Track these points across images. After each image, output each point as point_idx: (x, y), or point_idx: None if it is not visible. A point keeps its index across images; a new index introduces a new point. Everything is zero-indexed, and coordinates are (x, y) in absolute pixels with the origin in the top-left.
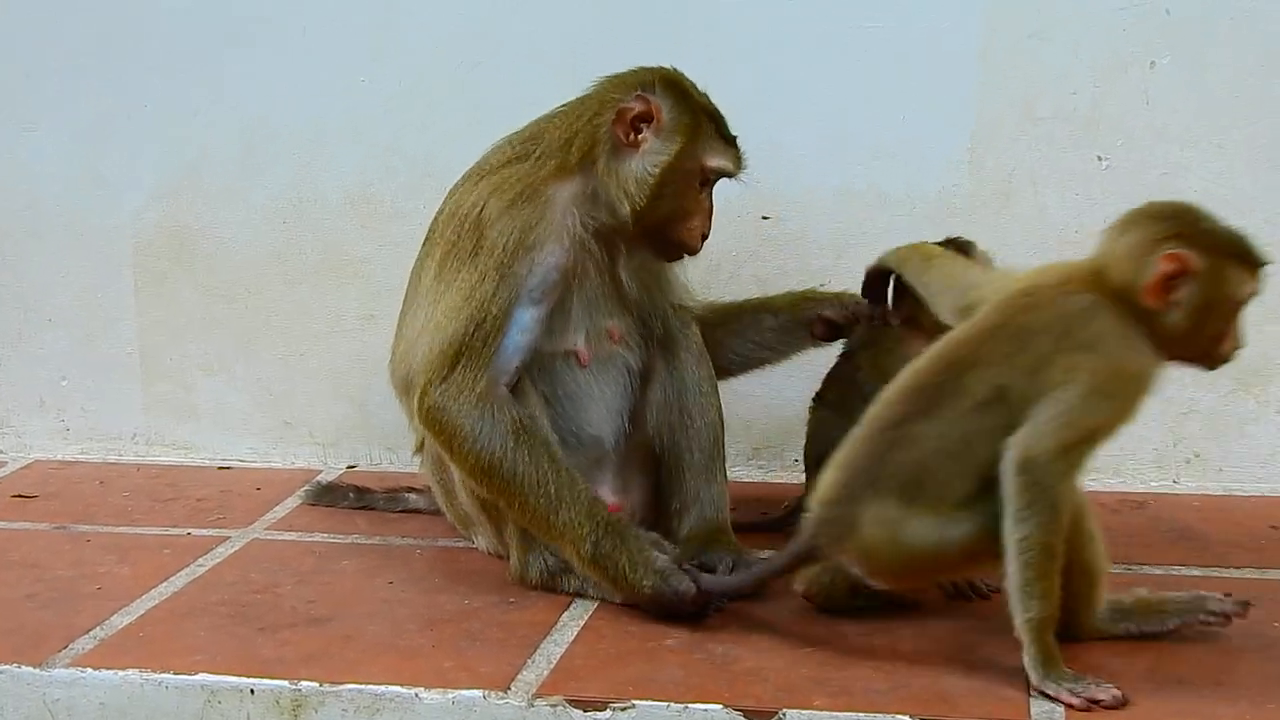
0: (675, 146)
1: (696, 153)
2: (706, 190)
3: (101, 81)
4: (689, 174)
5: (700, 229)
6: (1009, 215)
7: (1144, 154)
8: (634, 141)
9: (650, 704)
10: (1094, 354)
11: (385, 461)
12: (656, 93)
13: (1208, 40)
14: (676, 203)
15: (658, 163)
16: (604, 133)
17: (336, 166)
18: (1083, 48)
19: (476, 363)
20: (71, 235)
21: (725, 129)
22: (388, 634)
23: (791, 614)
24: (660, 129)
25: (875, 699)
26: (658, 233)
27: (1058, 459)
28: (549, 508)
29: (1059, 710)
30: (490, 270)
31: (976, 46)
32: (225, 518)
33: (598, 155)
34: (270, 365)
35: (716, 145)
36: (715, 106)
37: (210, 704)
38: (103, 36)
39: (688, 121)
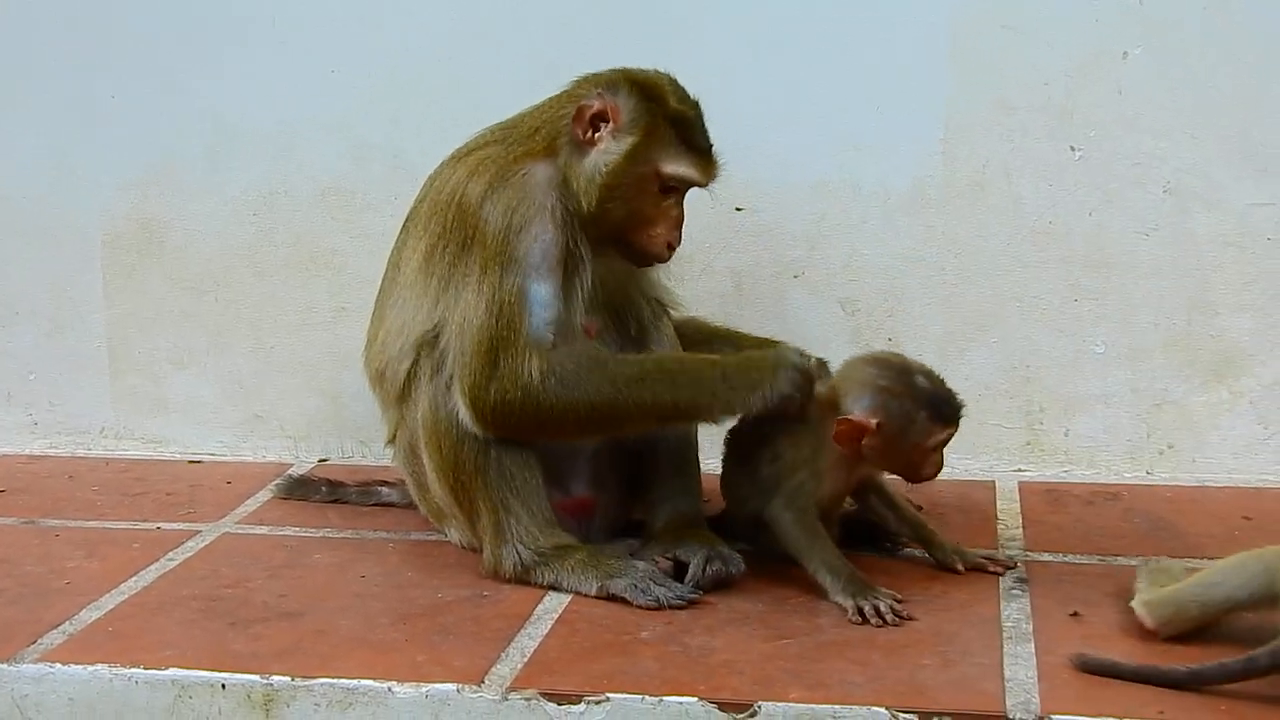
0: (626, 148)
1: (650, 156)
2: (673, 197)
3: (69, 74)
4: (643, 178)
5: (664, 237)
6: (983, 206)
7: (1117, 144)
8: (590, 139)
9: (625, 697)
10: None
11: (357, 455)
12: (620, 94)
13: (1180, 31)
14: (633, 205)
15: (609, 162)
16: (564, 125)
17: (307, 159)
18: (1055, 39)
19: (515, 348)
20: (39, 228)
21: (696, 136)
22: (360, 628)
23: (767, 606)
24: (616, 130)
25: (851, 691)
26: (620, 235)
27: None
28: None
29: (1034, 700)
30: (491, 260)
31: (949, 38)
32: (195, 512)
33: (559, 148)
34: (241, 358)
35: (676, 151)
36: (693, 114)
37: (181, 699)
38: (71, 29)
39: (644, 124)
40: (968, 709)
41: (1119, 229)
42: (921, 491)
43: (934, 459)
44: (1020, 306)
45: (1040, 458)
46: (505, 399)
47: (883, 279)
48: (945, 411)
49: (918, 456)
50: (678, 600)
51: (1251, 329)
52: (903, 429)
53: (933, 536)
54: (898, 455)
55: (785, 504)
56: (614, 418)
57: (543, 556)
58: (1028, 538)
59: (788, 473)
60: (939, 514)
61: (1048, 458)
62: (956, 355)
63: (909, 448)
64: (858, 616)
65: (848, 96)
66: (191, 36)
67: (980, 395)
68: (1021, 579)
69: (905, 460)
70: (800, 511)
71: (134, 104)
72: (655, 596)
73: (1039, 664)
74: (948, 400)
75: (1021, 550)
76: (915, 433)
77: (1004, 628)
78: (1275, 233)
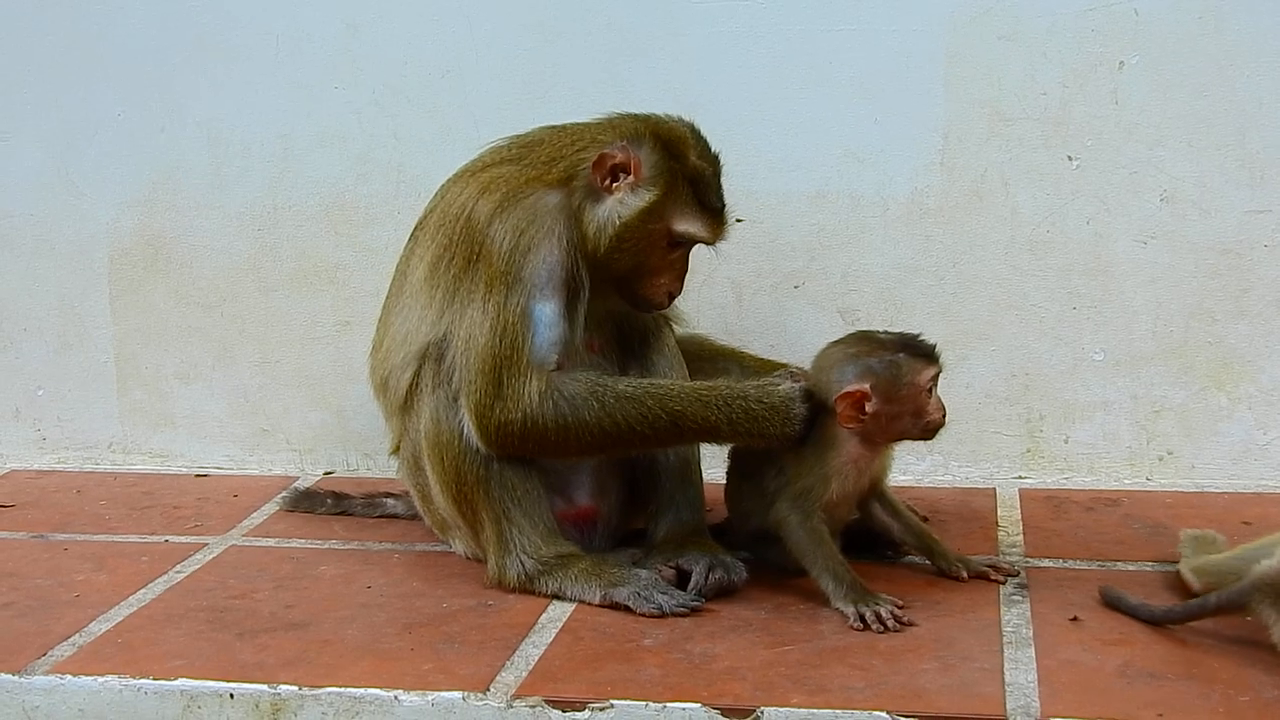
0: (642, 204)
1: (665, 214)
2: (680, 252)
3: (74, 91)
4: (654, 233)
5: (667, 288)
6: (981, 216)
7: (1114, 153)
8: (608, 188)
9: (629, 704)
10: None
11: (363, 467)
12: (643, 147)
13: (1176, 40)
14: (641, 258)
15: (623, 215)
16: (584, 169)
17: (310, 174)
18: (1051, 49)
19: (518, 369)
20: (46, 245)
21: (710, 195)
22: (367, 637)
23: (769, 613)
24: (635, 184)
25: (852, 696)
26: (623, 281)
27: None
28: (673, 427)
29: (1034, 704)
30: (496, 279)
31: (946, 49)
32: (202, 525)
33: (575, 186)
34: (246, 373)
35: (689, 210)
36: (711, 171)
37: (189, 709)
38: (75, 46)
39: (664, 181)
40: (968, 713)
41: (1117, 237)
42: (924, 499)
43: (934, 400)
44: (1019, 315)
45: (1040, 465)
46: (508, 419)
47: (882, 288)
48: (921, 347)
49: (920, 403)
50: (680, 608)
51: (1249, 335)
52: (894, 379)
53: (936, 545)
54: (902, 410)
55: (791, 506)
56: (616, 441)
57: (546, 566)
58: (1028, 544)
59: (795, 478)
60: (940, 521)
61: (1048, 465)
62: (956, 363)
63: (906, 396)
64: (859, 622)
65: (846, 108)
66: (194, 53)
67: (980, 403)
68: (1022, 585)
69: (911, 411)
70: (806, 515)
71: (138, 120)
72: (658, 604)
73: (1039, 668)
74: (916, 340)
75: (1022, 556)
76: (905, 377)
77: (1004, 633)
78: (1272, 240)
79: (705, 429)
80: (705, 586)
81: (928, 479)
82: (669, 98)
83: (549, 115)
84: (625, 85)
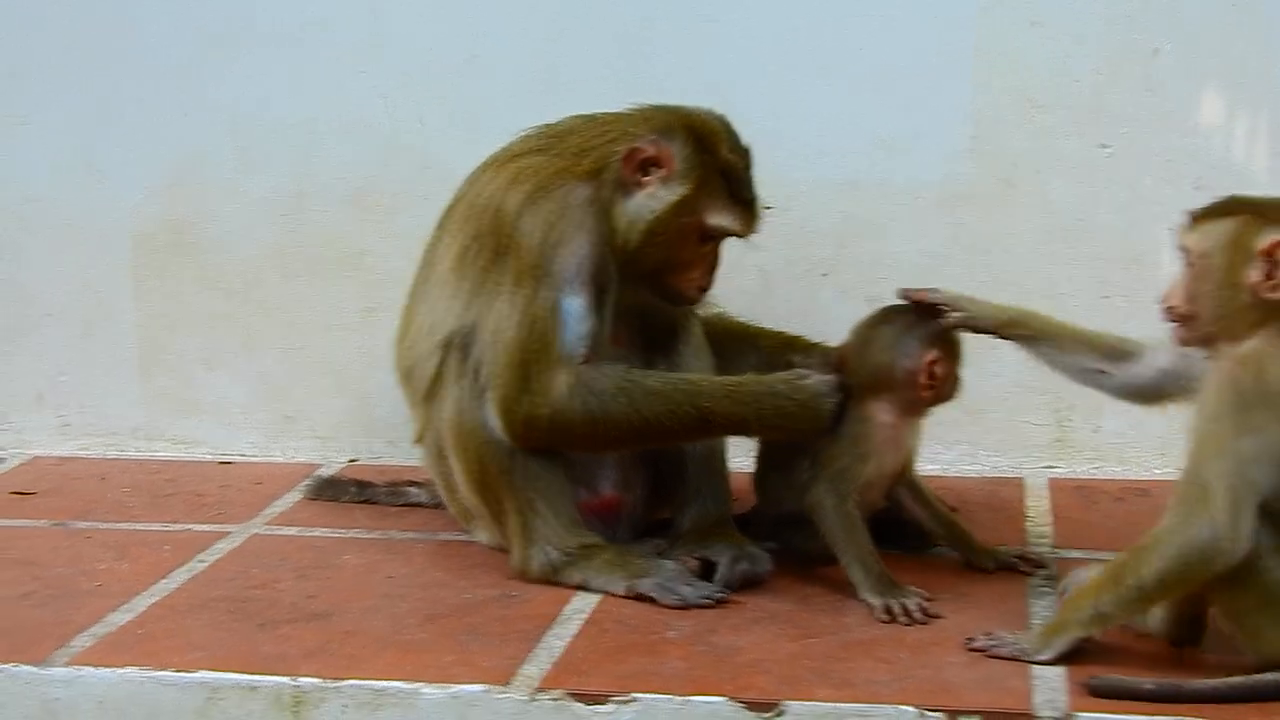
0: (675, 198)
1: (697, 208)
2: (711, 245)
3: (96, 75)
4: (687, 227)
5: (699, 282)
6: (1012, 204)
7: (1147, 141)
8: (639, 182)
9: (652, 697)
10: None
11: (387, 455)
12: (675, 141)
13: (1209, 26)
14: (672, 252)
15: (654, 210)
16: (614, 162)
17: (335, 159)
18: (1084, 36)
19: (546, 363)
20: (69, 229)
21: (742, 188)
22: (388, 629)
23: (794, 605)
24: (667, 177)
25: (878, 690)
26: (654, 276)
27: None
28: (702, 423)
29: (1062, 698)
30: (525, 272)
31: (976, 35)
32: (225, 513)
33: (605, 178)
34: (270, 359)
35: (722, 203)
36: (743, 164)
37: (211, 701)
38: (98, 30)
39: (697, 175)
40: (994, 707)
41: (1149, 225)
42: (952, 489)
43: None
44: (1050, 303)
45: (1070, 455)
46: (536, 414)
47: (911, 277)
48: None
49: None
50: (705, 600)
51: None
52: (948, 339)
53: (965, 536)
54: (953, 369)
55: (828, 489)
56: (643, 436)
57: (570, 556)
58: (1057, 534)
59: (830, 460)
60: (968, 511)
61: (1077, 454)
62: (986, 352)
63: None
64: (885, 615)
65: (876, 95)
66: (218, 38)
67: (1009, 392)
68: (1051, 576)
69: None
70: (842, 499)
71: (163, 105)
72: (682, 596)
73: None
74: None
75: (1050, 547)
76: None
77: (1032, 625)
78: None
79: (734, 424)
80: (730, 578)
81: (954, 468)
82: (696, 86)
83: (574, 102)
84: (651, 73)
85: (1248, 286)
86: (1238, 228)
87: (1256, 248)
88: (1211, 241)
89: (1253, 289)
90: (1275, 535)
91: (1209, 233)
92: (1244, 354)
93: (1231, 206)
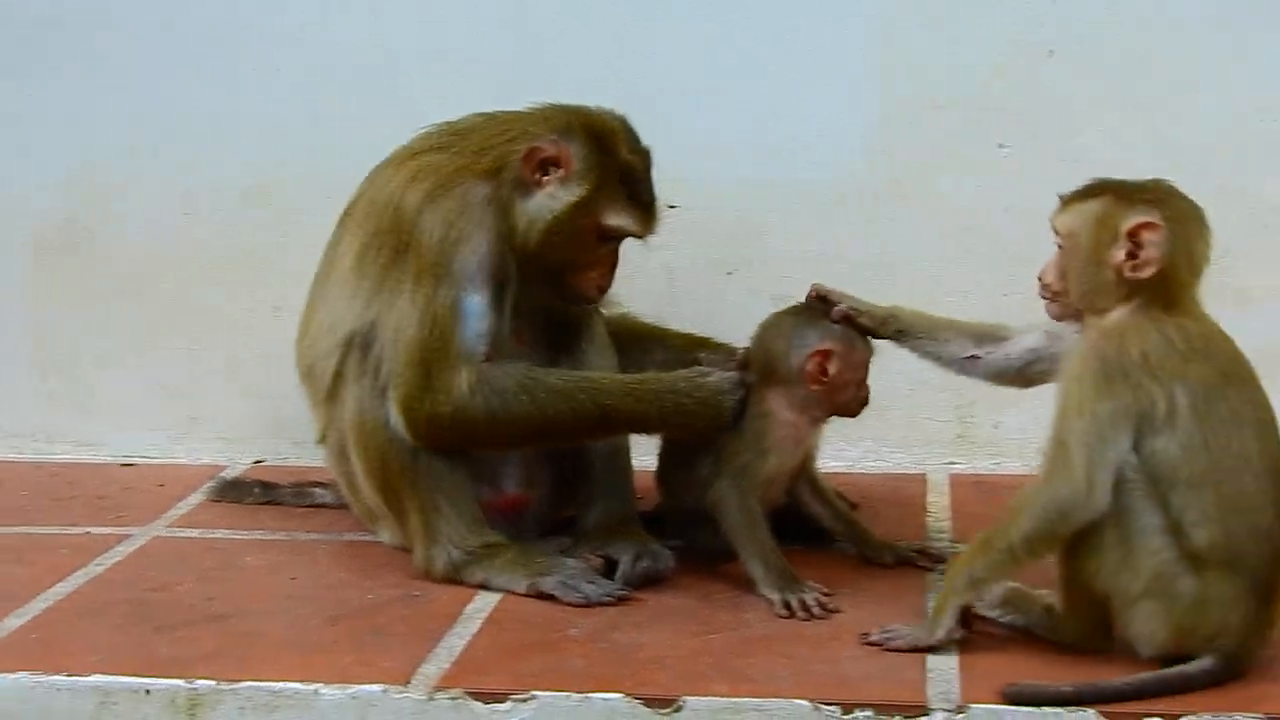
0: (573, 199)
1: (596, 209)
2: (610, 245)
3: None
4: (585, 228)
5: (598, 282)
6: (910, 203)
7: (1042, 141)
8: (538, 181)
9: (551, 695)
10: None
11: (293, 456)
12: (574, 141)
13: (1104, 27)
14: (571, 252)
15: (553, 210)
16: (514, 161)
17: (235, 158)
18: (981, 36)
19: (448, 361)
20: None
21: (641, 189)
22: (289, 630)
23: (696, 601)
24: (566, 177)
25: (776, 684)
26: (553, 275)
27: None
28: (604, 421)
29: (955, 690)
30: (425, 270)
31: (876, 36)
32: (126, 515)
33: (505, 177)
34: (174, 360)
35: (620, 204)
36: (642, 165)
37: (104, 705)
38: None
39: (596, 176)
40: (889, 700)
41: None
42: (856, 485)
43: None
44: (951, 301)
45: (971, 450)
46: (438, 412)
47: (814, 274)
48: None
49: (861, 375)
50: (607, 597)
51: None
52: (850, 344)
53: (862, 533)
54: (851, 378)
55: (730, 485)
56: (546, 434)
57: (473, 556)
58: (956, 530)
59: (732, 455)
60: (871, 507)
61: (978, 450)
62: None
63: (858, 363)
64: (784, 610)
65: (778, 95)
66: (117, 38)
67: (911, 389)
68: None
69: (855, 381)
70: (744, 495)
71: (59, 107)
72: (584, 594)
73: (961, 654)
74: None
75: (950, 542)
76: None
77: (929, 618)
78: None
79: (636, 422)
80: (632, 575)
81: (859, 465)
82: (597, 84)
83: (477, 100)
84: (553, 70)
85: (1112, 265)
86: (1103, 209)
87: (1121, 229)
88: (1079, 222)
89: (1116, 268)
90: (1164, 513)
91: (1077, 213)
92: (1108, 326)
93: (1098, 189)
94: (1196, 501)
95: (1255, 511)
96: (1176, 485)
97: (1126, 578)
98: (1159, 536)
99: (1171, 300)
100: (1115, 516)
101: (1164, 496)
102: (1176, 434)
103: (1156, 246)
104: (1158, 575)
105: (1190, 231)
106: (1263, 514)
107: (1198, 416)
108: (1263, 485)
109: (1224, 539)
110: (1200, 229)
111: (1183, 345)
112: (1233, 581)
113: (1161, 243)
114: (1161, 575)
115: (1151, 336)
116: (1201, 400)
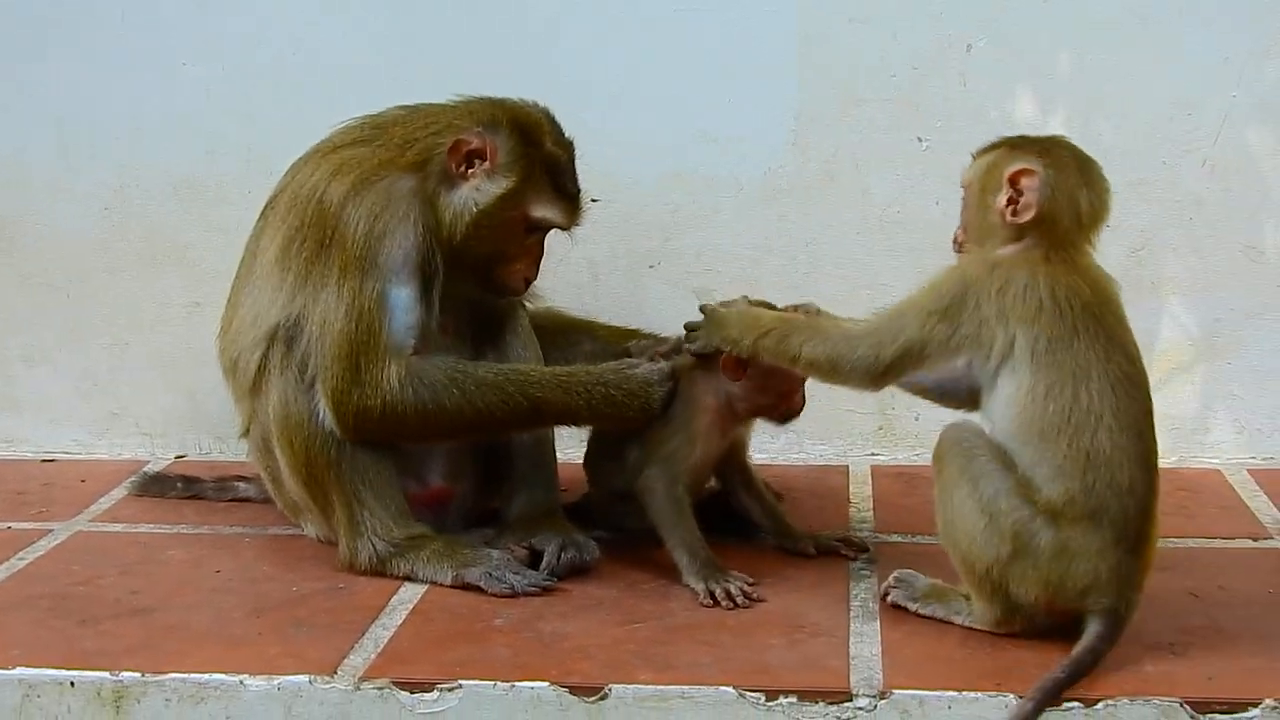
0: (499, 191)
1: (521, 201)
2: (536, 237)
3: None
4: (511, 220)
5: (524, 274)
6: (833, 196)
7: (962, 135)
8: (463, 174)
9: (477, 683)
10: None
11: (215, 451)
12: (499, 133)
13: (1023, 22)
14: (497, 244)
15: (479, 202)
16: (439, 154)
17: (158, 153)
18: (901, 31)
19: (376, 354)
20: None
21: (566, 181)
22: (214, 623)
23: (620, 591)
24: (491, 170)
25: (700, 672)
26: (479, 267)
27: None
28: (534, 413)
29: (878, 676)
30: (351, 264)
31: (797, 31)
32: (48, 511)
33: (430, 170)
34: (95, 355)
35: (546, 196)
36: (566, 157)
37: (29, 698)
38: None
39: (521, 168)
40: (812, 686)
41: None
42: (780, 476)
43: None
44: (871, 294)
45: (892, 442)
46: (367, 405)
47: (736, 268)
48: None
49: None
50: (532, 587)
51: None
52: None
53: (785, 525)
54: (769, 384)
55: (659, 473)
56: (476, 427)
57: (397, 548)
58: (878, 520)
59: (659, 442)
60: (794, 498)
61: (899, 442)
62: None
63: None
64: (708, 599)
65: (700, 89)
66: (40, 33)
67: None
68: (871, 560)
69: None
70: (671, 482)
71: None
72: (510, 584)
73: (884, 641)
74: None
75: (872, 532)
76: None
77: (852, 607)
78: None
79: (565, 414)
80: (557, 566)
81: (783, 457)
82: (521, 78)
83: (401, 93)
84: (478, 64)
85: (997, 210)
86: (994, 158)
87: (1004, 175)
88: (975, 173)
89: (1000, 212)
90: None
91: (976, 165)
92: (987, 257)
93: (999, 143)
94: (1048, 456)
95: (1114, 466)
96: (1028, 440)
97: (996, 543)
98: (1011, 498)
99: (1055, 246)
100: (970, 488)
101: (1011, 456)
102: (1015, 377)
103: (1034, 191)
104: (1017, 534)
105: (1071, 180)
106: (1122, 469)
107: (1036, 364)
108: (1119, 441)
109: (1081, 493)
110: (1085, 178)
111: (1045, 293)
112: (1099, 534)
113: (1039, 188)
114: (1020, 534)
115: (1018, 278)
116: (1044, 350)
